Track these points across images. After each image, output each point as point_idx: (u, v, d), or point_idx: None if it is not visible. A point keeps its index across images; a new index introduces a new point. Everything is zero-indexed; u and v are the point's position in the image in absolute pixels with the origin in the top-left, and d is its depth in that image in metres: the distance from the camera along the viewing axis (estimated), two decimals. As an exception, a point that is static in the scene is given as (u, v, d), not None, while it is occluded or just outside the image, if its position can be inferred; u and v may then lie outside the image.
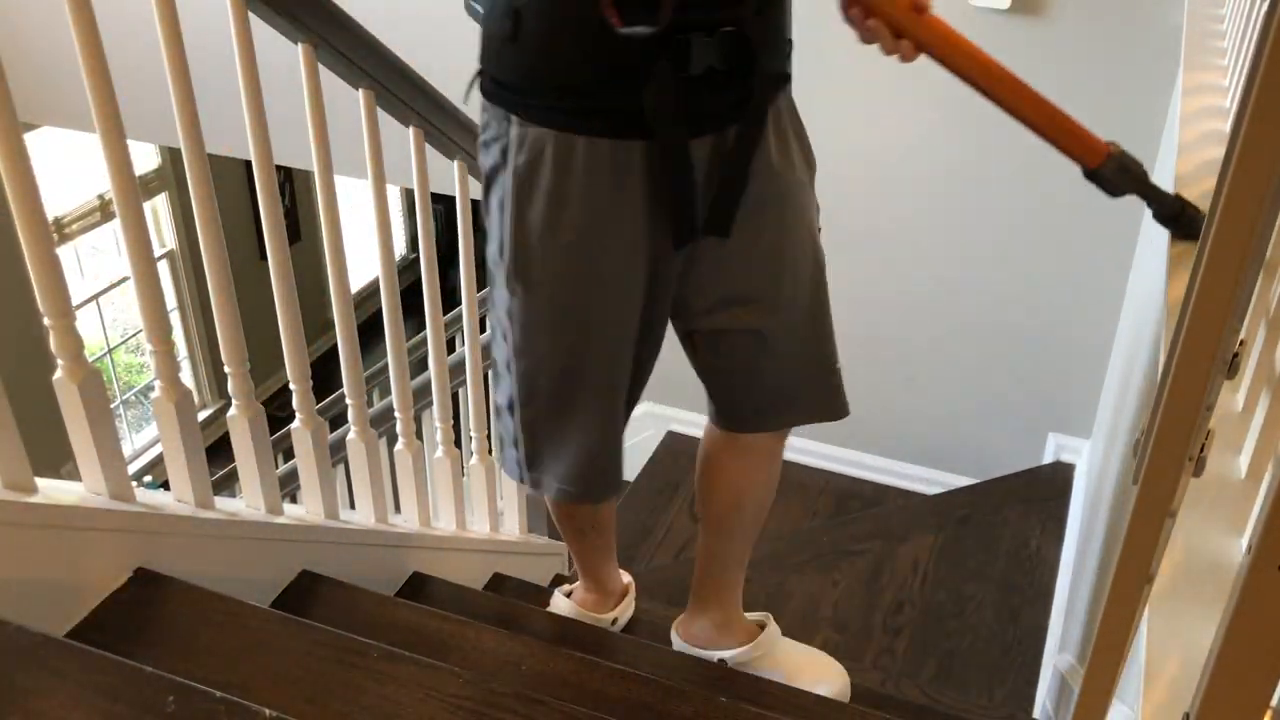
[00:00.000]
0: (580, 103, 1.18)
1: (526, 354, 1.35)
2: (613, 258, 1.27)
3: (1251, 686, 0.52)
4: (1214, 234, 0.54)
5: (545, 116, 1.19)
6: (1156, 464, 0.62)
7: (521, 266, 1.27)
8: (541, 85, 1.18)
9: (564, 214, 1.22)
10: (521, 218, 1.24)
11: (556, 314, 1.31)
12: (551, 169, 1.20)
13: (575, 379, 1.36)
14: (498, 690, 1.17)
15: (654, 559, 2.77)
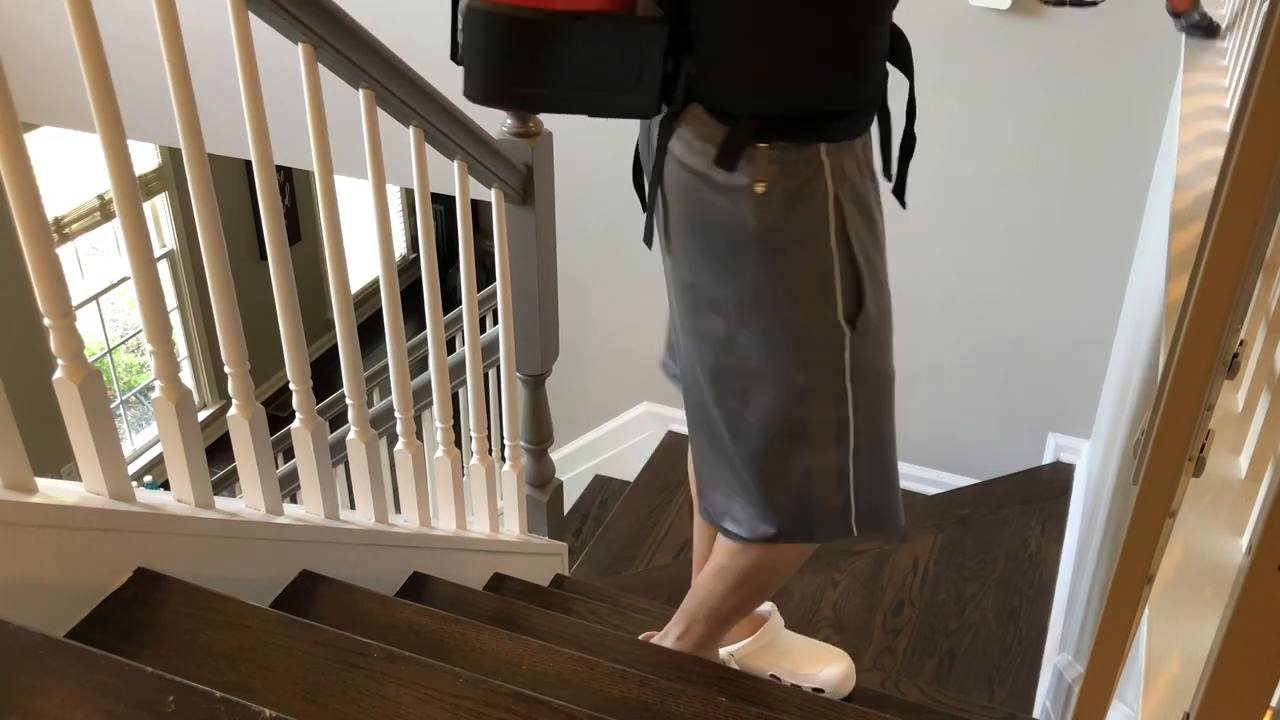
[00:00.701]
0: (866, 117, 1.23)
1: (878, 388, 1.30)
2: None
3: (1251, 686, 0.52)
4: (1214, 234, 0.54)
5: (835, 133, 1.20)
6: (1156, 464, 0.62)
7: (853, 298, 1.24)
8: (866, 95, 1.21)
9: (876, 216, 1.26)
10: (849, 240, 1.22)
11: (884, 339, 1.29)
12: (854, 187, 1.22)
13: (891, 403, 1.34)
14: (498, 690, 1.17)
15: (654, 559, 2.77)
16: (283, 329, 1.47)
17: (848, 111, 1.19)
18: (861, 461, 1.33)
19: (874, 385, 1.31)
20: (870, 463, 1.34)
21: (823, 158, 1.18)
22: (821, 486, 1.34)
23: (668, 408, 3.27)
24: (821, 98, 1.17)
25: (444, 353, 1.83)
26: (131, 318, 6.18)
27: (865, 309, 1.25)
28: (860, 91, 1.19)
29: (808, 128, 1.17)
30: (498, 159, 1.82)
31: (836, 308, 1.24)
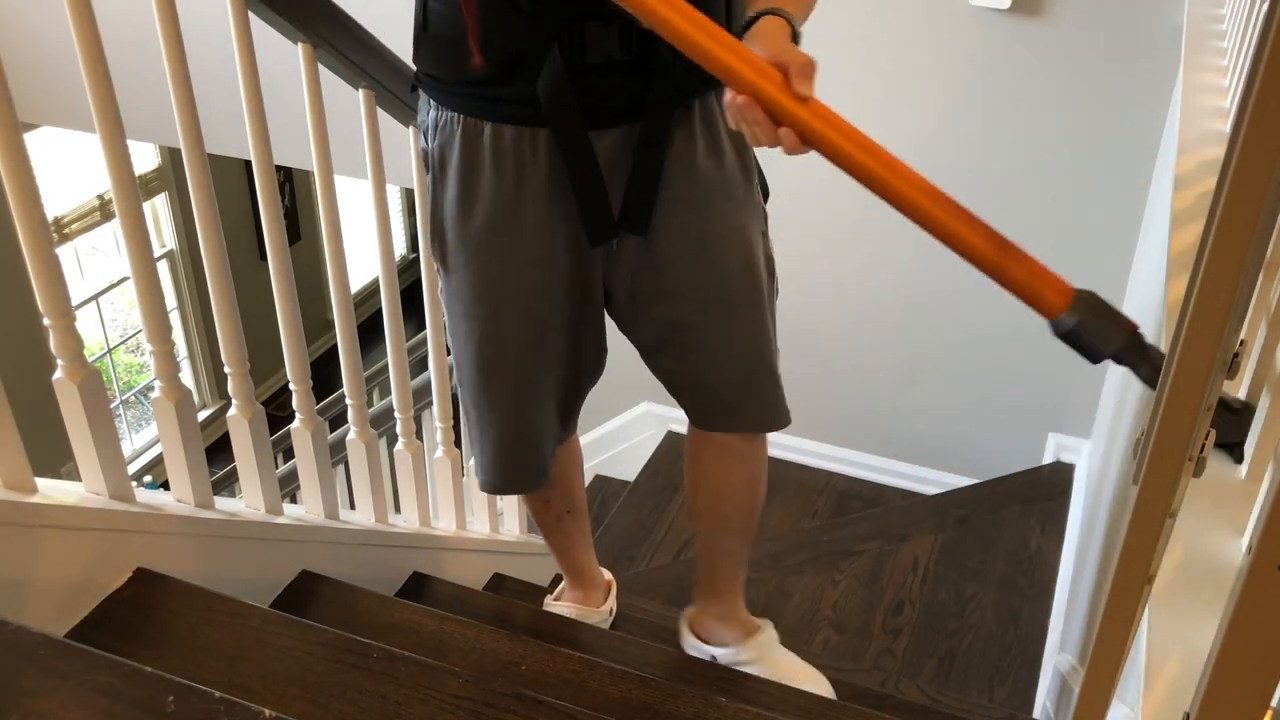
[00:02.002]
0: (483, 90, 1.18)
1: (454, 338, 1.37)
2: (524, 245, 1.26)
3: (1251, 686, 0.52)
4: (1214, 234, 0.54)
5: (455, 102, 1.20)
6: (1156, 464, 0.62)
7: (441, 250, 1.29)
8: (446, 70, 1.19)
9: (474, 197, 1.23)
10: (438, 200, 1.26)
11: (471, 298, 1.30)
12: (460, 152, 1.21)
13: (492, 366, 1.35)
14: (498, 690, 1.17)
15: (654, 559, 2.77)
16: (283, 329, 1.47)
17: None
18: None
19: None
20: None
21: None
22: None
23: (668, 408, 3.27)
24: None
25: (444, 353, 1.83)
26: (131, 318, 6.18)
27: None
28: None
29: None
30: (498, 159, 1.82)
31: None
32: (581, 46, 1.13)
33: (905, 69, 2.56)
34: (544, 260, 1.28)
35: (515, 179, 1.22)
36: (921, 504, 2.95)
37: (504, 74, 1.15)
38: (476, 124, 1.19)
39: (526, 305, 1.31)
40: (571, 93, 1.15)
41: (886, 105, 2.60)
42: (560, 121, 1.17)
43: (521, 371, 1.36)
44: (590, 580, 1.89)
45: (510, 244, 1.26)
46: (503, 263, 1.27)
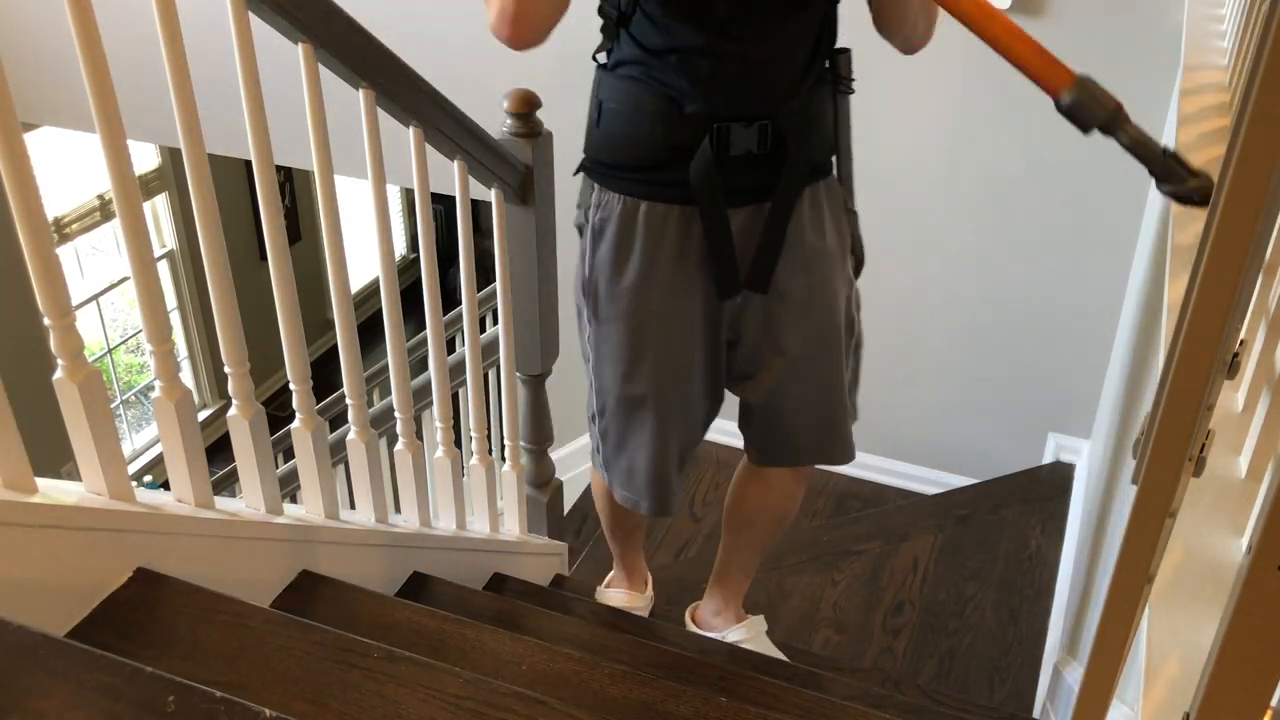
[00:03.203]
0: (643, 175, 1.47)
1: (598, 377, 1.64)
2: (665, 300, 1.53)
3: (1251, 686, 0.52)
4: (1214, 234, 0.54)
5: (617, 185, 1.49)
6: (1156, 464, 0.62)
7: (593, 304, 1.56)
8: (614, 159, 1.49)
9: (626, 262, 1.50)
10: (594, 264, 1.53)
11: (620, 344, 1.56)
12: (617, 226, 1.49)
13: (638, 403, 1.61)
14: (498, 690, 1.17)
15: (654, 559, 2.77)
16: (283, 329, 1.47)
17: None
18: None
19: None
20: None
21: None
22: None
23: (668, 408, 3.27)
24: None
25: (444, 353, 1.83)
26: (131, 318, 6.18)
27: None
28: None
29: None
30: (498, 159, 1.82)
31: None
32: (726, 142, 1.41)
33: (906, 70, 2.56)
34: (681, 313, 1.54)
35: (661, 247, 1.49)
36: (921, 504, 2.95)
37: (662, 163, 1.44)
38: (634, 202, 1.47)
39: (666, 350, 1.57)
40: (716, 178, 1.42)
41: (887, 105, 2.60)
42: (706, 201, 1.44)
43: (664, 407, 1.61)
44: (640, 573, 2.21)
45: (654, 299, 1.52)
46: (647, 315, 1.54)
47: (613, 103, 1.45)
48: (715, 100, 1.40)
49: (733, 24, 1.35)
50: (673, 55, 1.38)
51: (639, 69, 1.41)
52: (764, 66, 1.39)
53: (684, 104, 1.40)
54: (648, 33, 1.39)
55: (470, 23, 2.90)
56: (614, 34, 1.44)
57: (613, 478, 1.70)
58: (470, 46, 2.91)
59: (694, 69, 1.38)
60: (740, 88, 1.40)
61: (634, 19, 1.40)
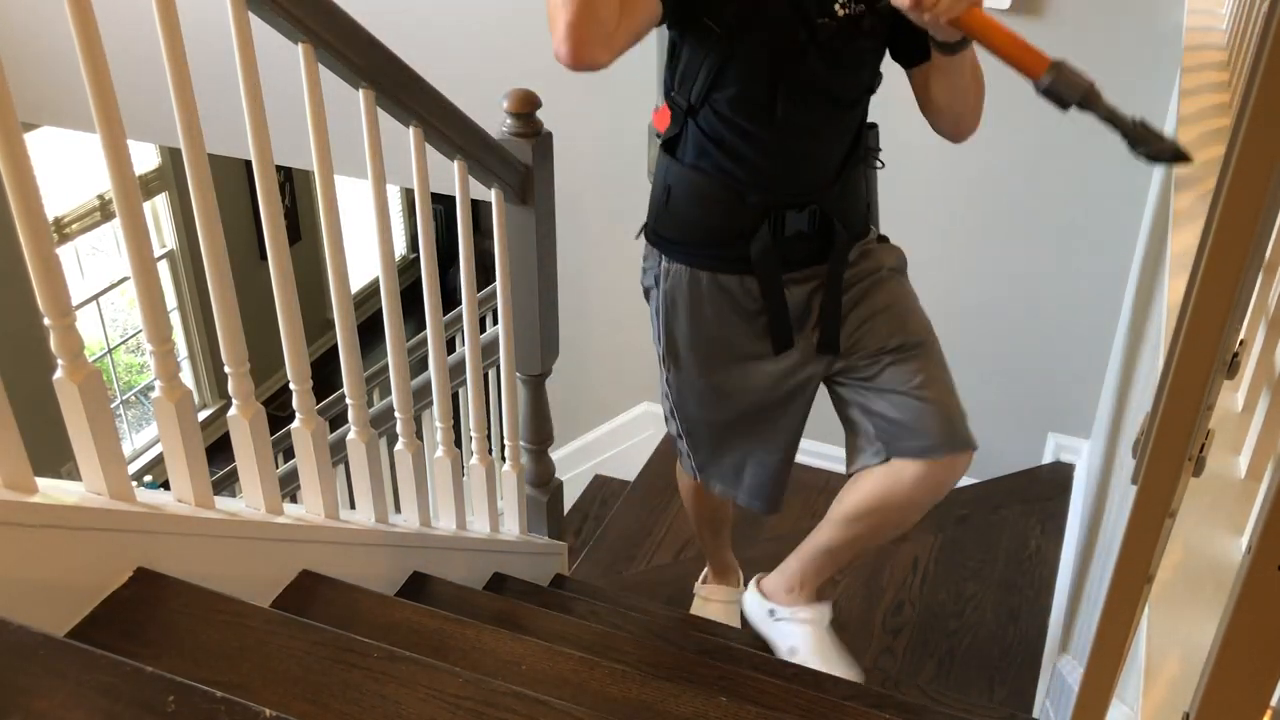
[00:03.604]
0: (707, 250, 1.68)
1: (681, 409, 1.85)
2: (736, 354, 1.75)
3: (1251, 686, 0.52)
4: (1214, 234, 0.54)
5: (683, 258, 1.70)
6: (1156, 464, 0.62)
7: (671, 355, 1.78)
8: (682, 237, 1.69)
9: (697, 323, 1.73)
10: (670, 323, 1.75)
11: (698, 389, 1.80)
12: (687, 293, 1.71)
13: (723, 429, 1.84)
14: (498, 690, 1.17)
15: (654, 559, 2.77)
16: (283, 329, 1.47)
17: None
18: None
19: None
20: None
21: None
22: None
23: (668, 408, 3.28)
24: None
25: (444, 353, 1.83)
26: (131, 318, 6.18)
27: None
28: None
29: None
30: (498, 159, 1.82)
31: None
32: (782, 224, 1.63)
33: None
34: (749, 360, 1.75)
35: (729, 310, 1.71)
36: (921, 504, 2.95)
37: (725, 241, 1.66)
38: (698, 273, 1.69)
39: (745, 388, 1.78)
40: (775, 254, 1.65)
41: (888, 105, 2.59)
42: (766, 274, 1.67)
43: (754, 429, 1.83)
44: (732, 569, 2.35)
45: (724, 353, 1.75)
46: (719, 365, 1.76)
47: (681, 189, 1.65)
48: (772, 189, 1.61)
49: (787, 122, 1.54)
50: (736, 147, 1.57)
51: (706, 160, 1.60)
52: (813, 158, 1.62)
53: (745, 194, 1.60)
54: (714, 125, 1.57)
55: (470, 23, 2.90)
56: (682, 121, 1.60)
57: (710, 478, 1.91)
58: (470, 46, 2.91)
59: (754, 161, 1.58)
60: (793, 177, 1.62)
61: (701, 112, 1.57)
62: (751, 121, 1.54)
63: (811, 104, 1.55)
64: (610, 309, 3.20)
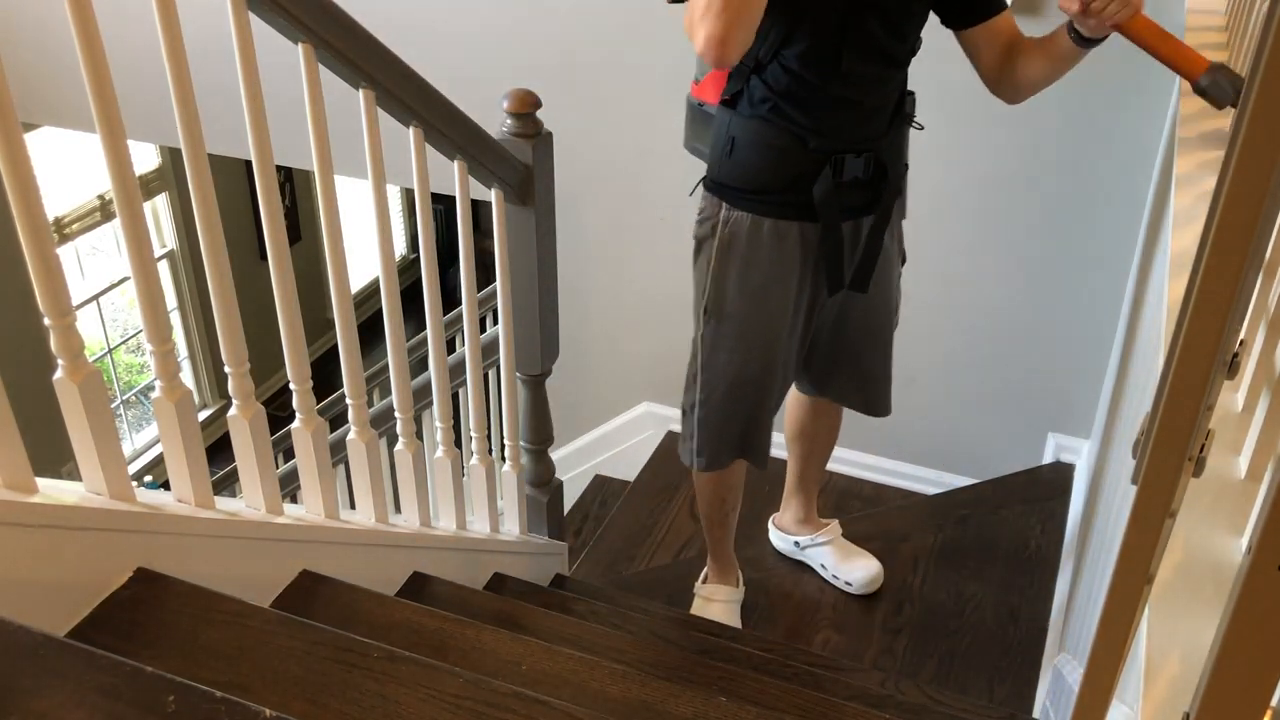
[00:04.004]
0: (770, 197, 1.81)
1: (710, 366, 1.96)
2: (781, 300, 1.89)
3: (1251, 686, 0.52)
4: (1214, 234, 0.54)
5: (746, 205, 1.82)
6: (1156, 464, 0.62)
7: (716, 304, 1.90)
8: (746, 184, 1.81)
9: (752, 270, 1.85)
10: (722, 270, 1.86)
11: (739, 335, 1.92)
12: (746, 239, 1.83)
13: (744, 384, 1.96)
14: (498, 690, 1.17)
15: (654, 559, 2.77)
16: (283, 329, 1.47)
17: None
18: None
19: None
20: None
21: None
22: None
23: (668, 408, 3.27)
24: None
25: (444, 353, 1.83)
26: (131, 318, 6.18)
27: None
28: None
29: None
30: (498, 159, 1.82)
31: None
32: (841, 169, 1.78)
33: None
34: (790, 309, 1.91)
35: (781, 256, 1.84)
36: (921, 504, 2.95)
37: (789, 186, 1.80)
38: (759, 220, 1.82)
39: (775, 339, 1.93)
40: (836, 196, 1.80)
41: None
42: (828, 216, 1.82)
43: (768, 384, 1.98)
44: (733, 565, 2.43)
45: (773, 298, 1.89)
46: (765, 313, 1.90)
47: (745, 138, 1.78)
48: (834, 137, 1.76)
49: (849, 77, 1.70)
50: (800, 97, 1.72)
51: (768, 108, 1.74)
52: (870, 110, 1.78)
53: (808, 140, 1.75)
54: (780, 79, 1.71)
55: (470, 23, 2.90)
56: (745, 78, 1.75)
57: (709, 458, 2.05)
58: (470, 46, 2.91)
59: (818, 111, 1.74)
60: (851, 127, 1.77)
61: (769, 68, 1.71)
62: (818, 75, 1.70)
63: (870, 60, 1.71)
64: (610, 309, 3.20)
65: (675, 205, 2.95)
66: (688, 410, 2.03)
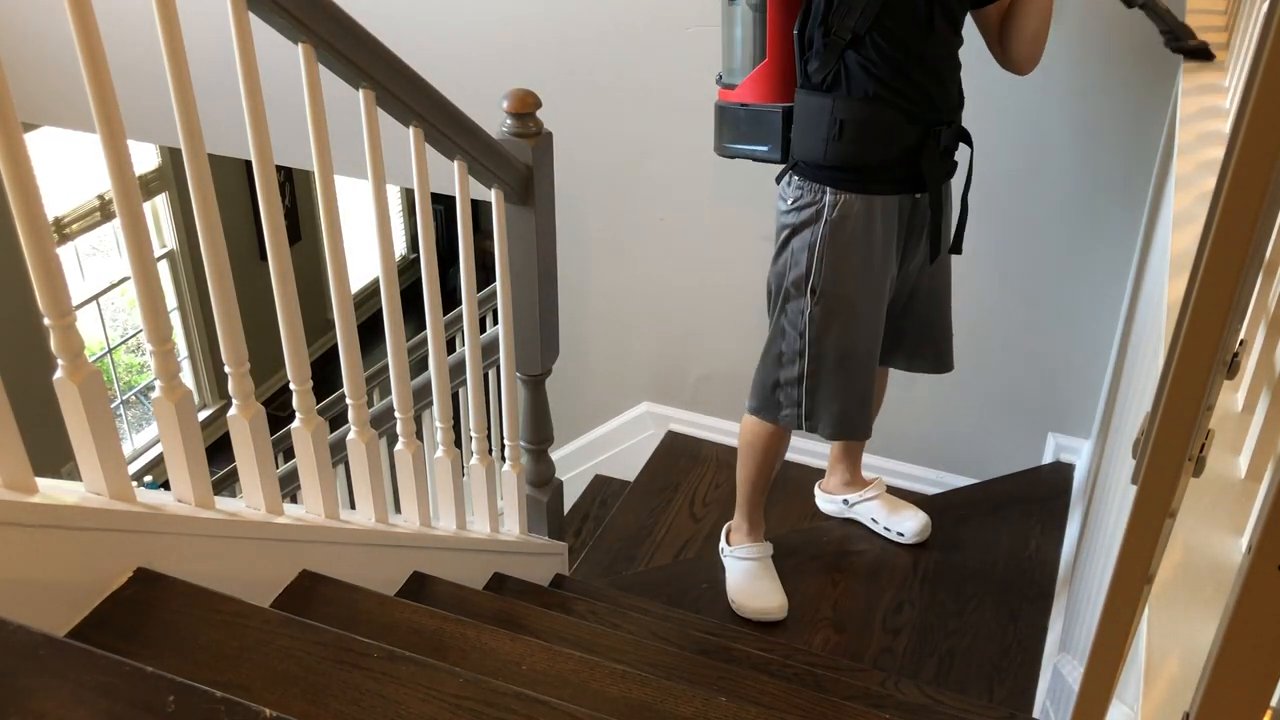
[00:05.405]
0: (881, 174, 1.91)
1: (816, 344, 2.04)
2: (883, 274, 2.00)
3: (1251, 686, 0.52)
4: (1214, 234, 0.54)
5: (856, 186, 1.91)
6: (1156, 464, 0.62)
7: (826, 284, 1.97)
8: (859, 164, 1.90)
9: (863, 248, 1.95)
10: (834, 252, 1.94)
11: (845, 313, 2.01)
12: (856, 220, 1.92)
13: (852, 354, 2.05)
14: (498, 690, 1.17)
15: (654, 559, 2.77)
16: (283, 329, 1.47)
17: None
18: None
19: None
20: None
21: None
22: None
23: (668, 408, 3.27)
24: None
25: (444, 353, 1.83)
26: (131, 318, 6.18)
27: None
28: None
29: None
30: (498, 159, 1.82)
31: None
32: (938, 140, 1.91)
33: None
34: (887, 280, 2.02)
35: (887, 231, 1.96)
36: (921, 504, 2.95)
37: (900, 161, 1.90)
38: (871, 199, 1.91)
39: (877, 309, 2.04)
40: (940, 168, 1.94)
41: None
42: (935, 186, 1.94)
43: (872, 354, 2.08)
44: (761, 524, 2.50)
45: (875, 272, 1.99)
46: (870, 285, 2.00)
47: (857, 119, 1.85)
48: (931, 108, 1.88)
49: (939, 41, 1.83)
50: (903, 67, 1.81)
51: (876, 86, 1.83)
52: (953, 77, 1.91)
53: (914, 113, 1.85)
54: (881, 49, 1.80)
55: (471, 22, 2.90)
56: (838, 58, 1.82)
57: (820, 421, 2.11)
58: (470, 46, 2.91)
59: (919, 80, 1.84)
60: (943, 95, 1.90)
61: (865, 40, 1.79)
62: (915, 41, 1.80)
63: (950, 23, 1.84)
64: (610, 309, 3.20)
65: (675, 205, 2.96)
66: (787, 383, 2.11)
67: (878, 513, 2.67)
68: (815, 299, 1.99)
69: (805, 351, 2.05)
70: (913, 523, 2.63)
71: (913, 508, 2.67)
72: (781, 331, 2.09)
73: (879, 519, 2.67)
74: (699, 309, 3.03)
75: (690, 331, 3.10)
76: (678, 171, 2.85)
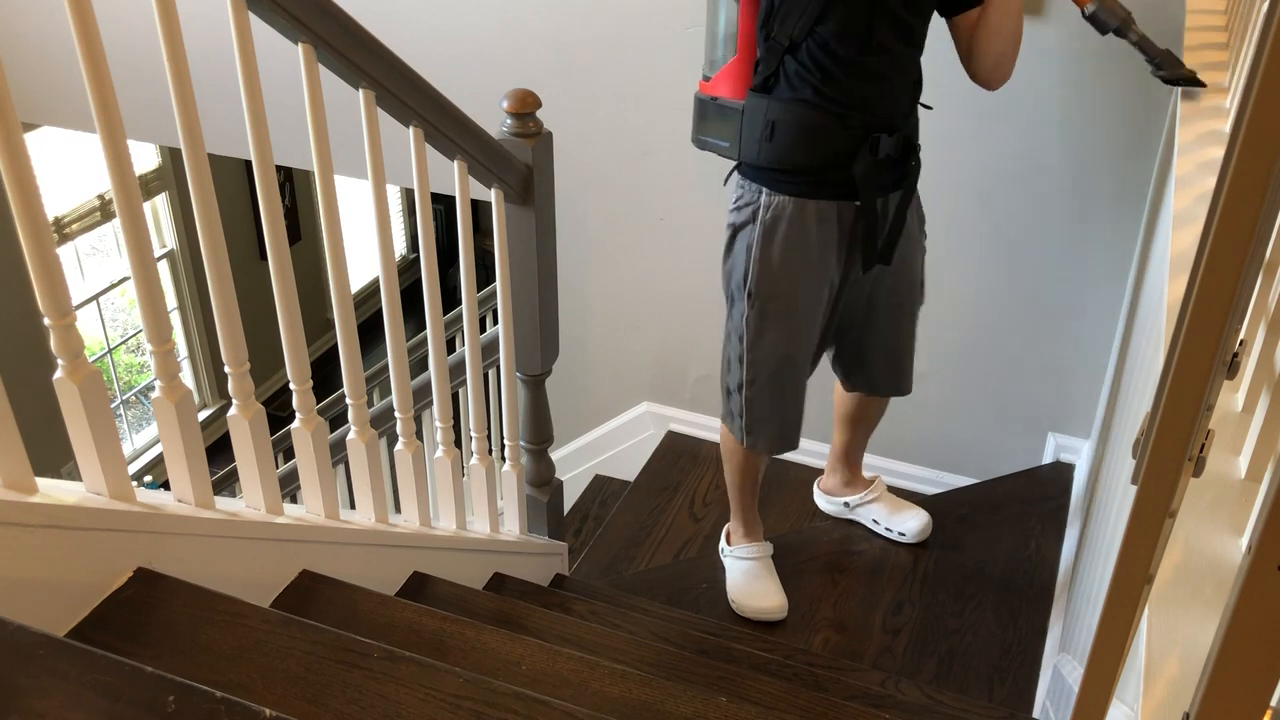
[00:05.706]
0: (811, 178, 1.89)
1: (753, 350, 2.02)
2: (819, 280, 1.97)
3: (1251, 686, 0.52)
4: (1214, 234, 0.54)
5: (787, 189, 1.89)
6: (1156, 464, 0.62)
7: (760, 287, 1.95)
8: (788, 166, 1.88)
9: (795, 252, 1.92)
10: (765, 254, 1.93)
11: (780, 319, 1.99)
12: (788, 222, 1.90)
13: (789, 362, 2.04)
14: (497, 690, 1.17)
15: (654, 559, 2.77)
16: (283, 329, 1.47)
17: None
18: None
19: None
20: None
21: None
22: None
23: (668, 408, 3.27)
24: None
25: (444, 353, 1.83)
26: (131, 318, 6.18)
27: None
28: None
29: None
30: (498, 159, 1.82)
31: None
32: (876, 148, 1.86)
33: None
34: (824, 287, 1.99)
35: (821, 236, 1.92)
36: (921, 504, 2.95)
37: (830, 165, 1.87)
38: (803, 202, 1.89)
39: (813, 319, 2.03)
40: (874, 176, 1.88)
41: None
42: (868, 194, 1.90)
43: (806, 363, 2.08)
44: (758, 524, 2.50)
45: (812, 280, 1.97)
46: (805, 293, 1.98)
47: (785, 121, 1.84)
48: (868, 113, 1.84)
49: (880, 51, 1.79)
50: (835, 74, 1.79)
51: (807, 90, 1.81)
52: (897, 87, 1.87)
53: (846, 117, 1.83)
54: (816, 56, 1.79)
55: (471, 23, 2.90)
56: (778, 61, 1.82)
57: (759, 439, 2.12)
58: (471, 47, 2.91)
59: (852, 86, 1.81)
60: (882, 102, 1.86)
61: (803, 46, 1.79)
62: (852, 48, 1.78)
63: (895, 33, 1.81)
64: (610, 309, 3.20)
65: (675, 205, 2.96)
66: (734, 390, 2.11)
67: (879, 513, 2.67)
68: (751, 302, 1.97)
69: (744, 357, 2.04)
70: (914, 522, 2.63)
71: (914, 507, 2.67)
72: (728, 335, 2.08)
73: (880, 519, 2.67)
74: (699, 309, 3.03)
75: (690, 331, 3.10)
76: (678, 171, 2.85)
